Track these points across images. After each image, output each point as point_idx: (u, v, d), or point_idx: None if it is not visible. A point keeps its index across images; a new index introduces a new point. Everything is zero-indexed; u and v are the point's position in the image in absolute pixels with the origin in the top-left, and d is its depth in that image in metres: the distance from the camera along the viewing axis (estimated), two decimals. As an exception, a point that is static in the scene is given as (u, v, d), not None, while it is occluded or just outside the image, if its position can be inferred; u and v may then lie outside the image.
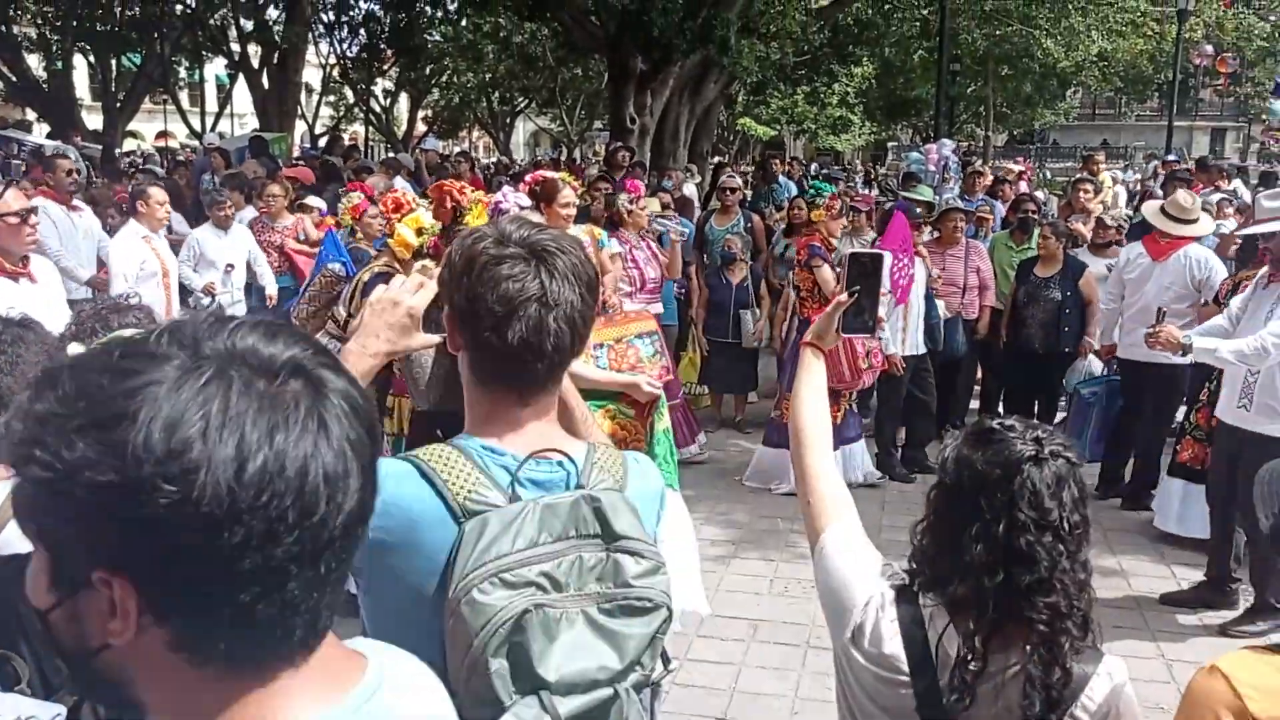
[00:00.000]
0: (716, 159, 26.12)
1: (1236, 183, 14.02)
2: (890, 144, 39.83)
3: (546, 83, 30.68)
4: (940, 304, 7.26)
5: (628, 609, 1.53)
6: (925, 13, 21.67)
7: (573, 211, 5.94)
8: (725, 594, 5.20)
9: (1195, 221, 6.51)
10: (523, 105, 37.32)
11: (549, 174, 6.31)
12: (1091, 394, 7.16)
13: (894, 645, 1.70)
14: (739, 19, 15.07)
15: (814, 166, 27.28)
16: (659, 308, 7.36)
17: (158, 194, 6.86)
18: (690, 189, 12.62)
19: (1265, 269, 4.97)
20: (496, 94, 34.23)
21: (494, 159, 27.92)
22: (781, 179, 13.75)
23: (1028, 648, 1.63)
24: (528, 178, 5.94)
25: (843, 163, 36.39)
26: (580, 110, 36.33)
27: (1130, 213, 12.14)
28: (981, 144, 35.07)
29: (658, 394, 4.12)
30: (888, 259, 2.49)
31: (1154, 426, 6.63)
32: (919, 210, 7.65)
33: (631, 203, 6.96)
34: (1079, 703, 1.65)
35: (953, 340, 7.60)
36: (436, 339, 1.76)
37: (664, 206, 8.84)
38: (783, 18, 17.88)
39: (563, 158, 26.36)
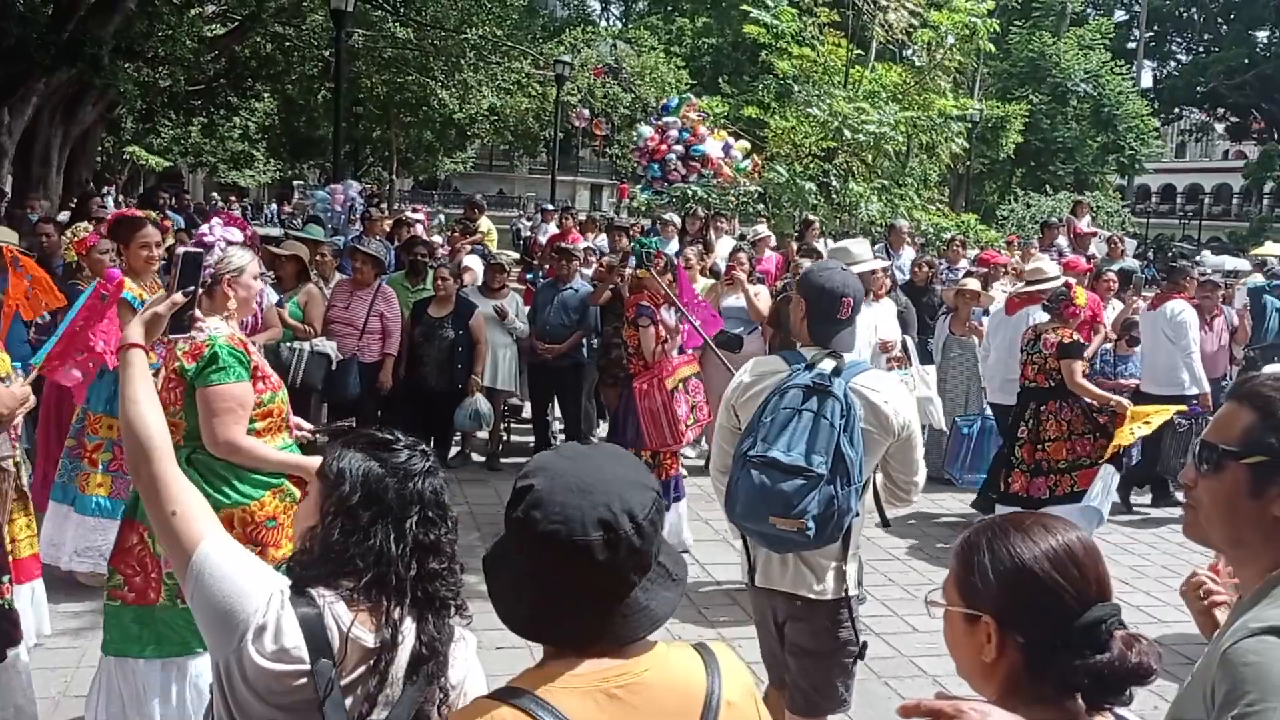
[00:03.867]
0: (106, 190, 23.83)
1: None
2: (297, 182, 39.29)
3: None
4: (331, 345, 7.13)
5: None
6: (326, 54, 21.68)
7: (154, 254, 5.28)
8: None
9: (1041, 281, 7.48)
10: None
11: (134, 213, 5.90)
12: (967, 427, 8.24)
13: (294, 638, 1.74)
14: (115, 38, 13.86)
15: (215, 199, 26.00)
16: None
17: None
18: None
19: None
20: None
21: None
22: (169, 212, 12.86)
23: (428, 623, 1.86)
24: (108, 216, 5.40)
25: (248, 199, 35.17)
26: (-74, 125, 31.14)
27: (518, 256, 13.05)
28: (388, 187, 35.89)
29: None
30: (208, 256, 2.63)
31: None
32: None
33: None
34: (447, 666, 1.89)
35: (347, 382, 7.42)
36: None
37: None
38: (171, 43, 16.81)
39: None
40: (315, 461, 3.58)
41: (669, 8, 40.33)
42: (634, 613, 1.53)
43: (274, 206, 28.62)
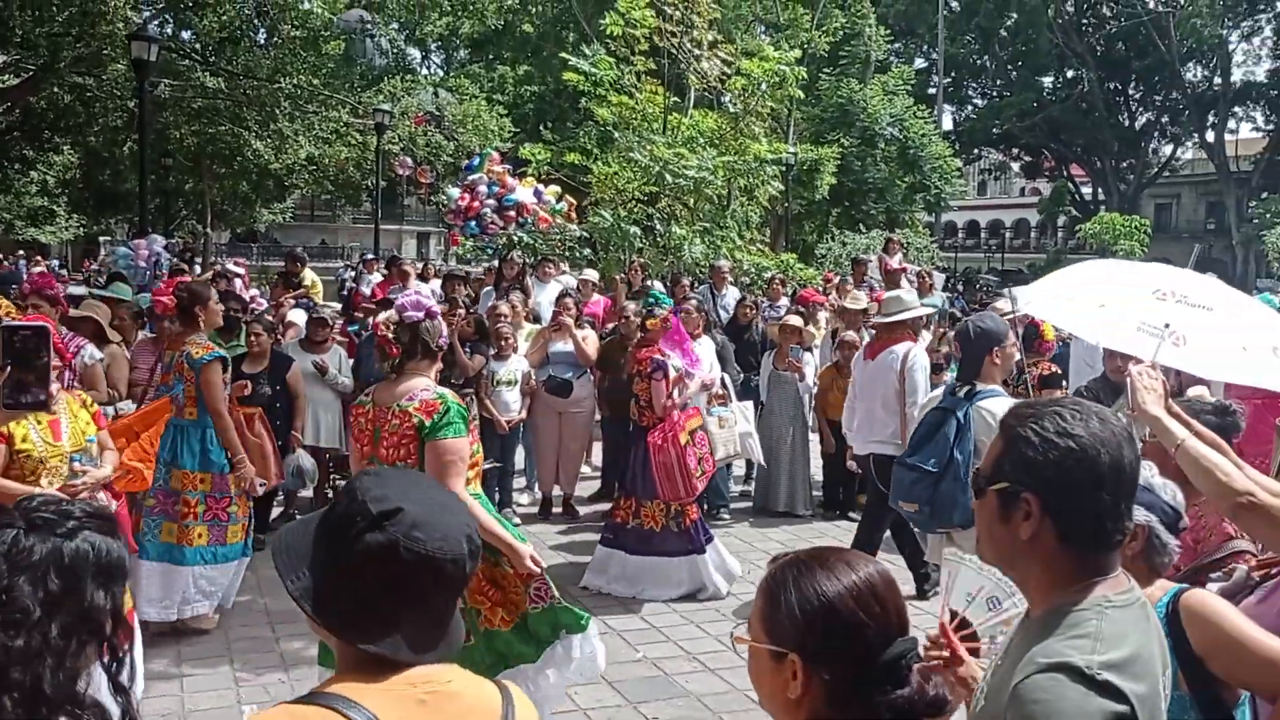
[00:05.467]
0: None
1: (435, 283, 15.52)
2: (103, 238, 37.42)
3: None
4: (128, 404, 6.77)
5: None
6: (130, 104, 20.77)
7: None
8: None
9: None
10: None
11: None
12: None
13: None
14: (-109, 89, 12.93)
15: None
16: None
17: None
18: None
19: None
20: None
21: None
22: (-43, 274, 11.99)
23: None
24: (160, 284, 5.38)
25: (48, 256, 33.26)
26: None
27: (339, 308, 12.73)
28: (203, 241, 34.52)
29: (536, 572, 3.98)
30: (49, 331, 2.50)
31: None
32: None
33: None
34: None
35: (156, 444, 7.11)
36: None
37: None
38: (-47, 94, 15.80)
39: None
40: (524, 548, 3.93)
41: (490, 56, 40.39)
42: (456, 627, 1.61)
43: (54, 263, 27.32)
